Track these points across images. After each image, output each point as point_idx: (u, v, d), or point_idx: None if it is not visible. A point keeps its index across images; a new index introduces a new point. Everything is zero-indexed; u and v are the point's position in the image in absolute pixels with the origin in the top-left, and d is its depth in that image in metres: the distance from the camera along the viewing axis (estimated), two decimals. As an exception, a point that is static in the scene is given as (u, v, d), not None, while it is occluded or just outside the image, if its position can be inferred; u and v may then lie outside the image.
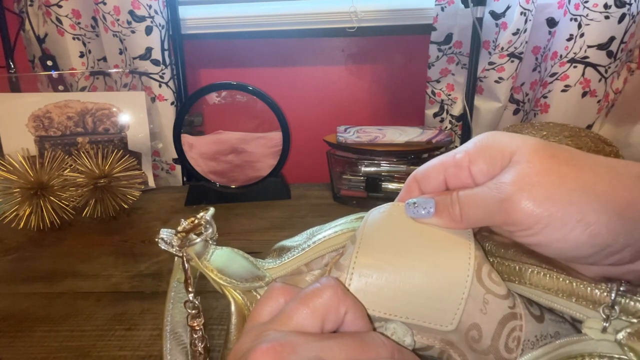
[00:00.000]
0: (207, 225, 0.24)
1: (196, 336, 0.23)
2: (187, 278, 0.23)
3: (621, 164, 0.19)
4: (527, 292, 0.21)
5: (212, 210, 0.25)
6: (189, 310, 0.23)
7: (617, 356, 0.16)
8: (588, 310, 0.18)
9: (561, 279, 0.19)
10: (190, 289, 0.23)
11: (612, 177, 0.18)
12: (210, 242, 0.24)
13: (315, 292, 0.18)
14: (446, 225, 0.21)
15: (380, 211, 0.24)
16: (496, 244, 0.22)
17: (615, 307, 0.17)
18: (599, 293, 0.18)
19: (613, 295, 0.17)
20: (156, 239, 0.23)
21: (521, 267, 0.21)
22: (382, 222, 0.23)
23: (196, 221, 0.24)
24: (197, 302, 0.23)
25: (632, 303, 0.17)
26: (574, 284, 0.19)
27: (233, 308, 0.23)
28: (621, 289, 0.17)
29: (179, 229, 0.23)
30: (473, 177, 0.22)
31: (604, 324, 0.17)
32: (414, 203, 0.22)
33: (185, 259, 0.22)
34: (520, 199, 0.18)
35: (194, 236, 0.23)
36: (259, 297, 0.24)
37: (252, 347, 0.16)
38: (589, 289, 0.19)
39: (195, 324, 0.23)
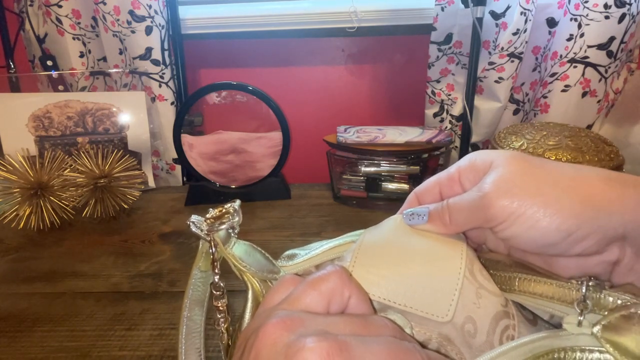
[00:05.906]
0: (234, 214, 0.25)
1: (220, 316, 0.25)
2: (214, 260, 0.25)
3: (586, 167, 0.22)
4: (518, 299, 0.23)
5: (238, 201, 0.27)
6: (214, 292, 0.25)
7: (596, 349, 0.17)
8: (568, 308, 0.20)
9: (543, 282, 0.21)
10: (216, 271, 0.25)
11: (575, 174, 0.21)
12: (232, 233, 0.26)
13: (322, 277, 0.20)
14: (439, 231, 0.24)
15: (382, 222, 0.26)
16: (490, 261, 0.25)
17: (587, 301, 0.19)
18: (573, 290, 0.20)
19: (583, 289, 0.19)
20: (187, 222, 0.24)
21: (511, 275, 0.23)
22: (382, 227, 0.26)
23: (224, 210, 0.25)
24: (221, 283, 0.25)
25: (603, 297, 0.19)
26: (554, 284, 0.21)
27: (250, 294, 0.25)
28: (590, 283, 0.19)
29: (208, 216, 0.25)
30: (463, 186, 0.25)
31: (579, 317, 0.18)
32: (411, 213, 0.25)
33: (212, 243, 0.24)
34: (497, 194, 0.21)
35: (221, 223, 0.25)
36: None
37: (262, 324, 0.18)
38: (564, 287, 0.21)
39: (219, 305, 0.25)
